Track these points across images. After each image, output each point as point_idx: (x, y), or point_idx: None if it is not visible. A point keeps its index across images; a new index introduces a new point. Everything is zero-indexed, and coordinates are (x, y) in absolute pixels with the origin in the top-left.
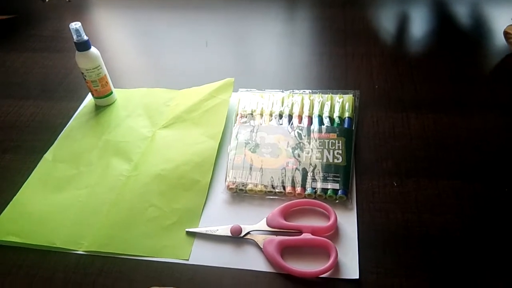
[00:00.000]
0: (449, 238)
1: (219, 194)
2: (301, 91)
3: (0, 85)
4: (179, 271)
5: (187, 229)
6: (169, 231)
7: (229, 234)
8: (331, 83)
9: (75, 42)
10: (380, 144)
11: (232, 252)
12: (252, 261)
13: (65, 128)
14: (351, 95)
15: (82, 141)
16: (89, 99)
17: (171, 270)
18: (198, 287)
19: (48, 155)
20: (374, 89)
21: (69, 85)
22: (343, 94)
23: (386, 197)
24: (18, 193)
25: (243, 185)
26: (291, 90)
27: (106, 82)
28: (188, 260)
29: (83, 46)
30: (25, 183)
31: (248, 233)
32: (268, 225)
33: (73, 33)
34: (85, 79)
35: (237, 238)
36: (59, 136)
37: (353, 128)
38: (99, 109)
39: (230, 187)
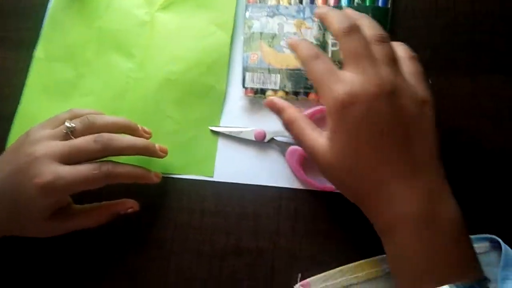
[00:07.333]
0: (479, 143)
1: (237, 101)
2: None
3: None
4: (205, 188)
5: (210, 127)
6: (190, 146)
7: (253, 139)
8: None
9: None
10: (419, 26)
11: (256, 165)
12: (274, 175)
13: (47, 13)
14: None
15: (73, 32)
16: None
17: (197, 187)
18: (223, 203)
19: (39, 53)
20: None
21: None
22: None
23: None
24: (21, 102)
25: (261, 91)
26: None
27: None
28: (212, 177)
29: None
30: (25, 89)
31: (272, 139)
32: None
33: None
34: None
35: (261, 142)
36: (43, 24)
37: (389, 5)
38: None
39: (247, 94)
